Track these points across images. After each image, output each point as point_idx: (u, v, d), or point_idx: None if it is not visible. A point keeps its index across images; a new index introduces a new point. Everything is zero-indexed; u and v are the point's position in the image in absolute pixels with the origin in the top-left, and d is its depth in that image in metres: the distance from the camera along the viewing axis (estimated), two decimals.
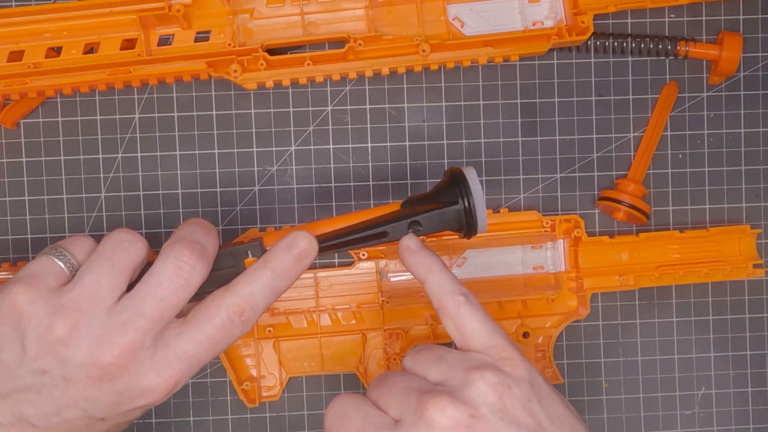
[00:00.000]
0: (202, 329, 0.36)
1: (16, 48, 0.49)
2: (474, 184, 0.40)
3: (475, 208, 0.40)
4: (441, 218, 0.41)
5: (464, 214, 0.40)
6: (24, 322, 0.35)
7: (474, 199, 0.40)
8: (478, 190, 0.40)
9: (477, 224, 0.40)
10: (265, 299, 0.38)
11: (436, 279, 0.38)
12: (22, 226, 0.53)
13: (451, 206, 0.40)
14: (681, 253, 0.53)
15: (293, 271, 0.39)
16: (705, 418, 0.55)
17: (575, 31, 0.50)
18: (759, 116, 0.55)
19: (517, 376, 0.34)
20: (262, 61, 0.49)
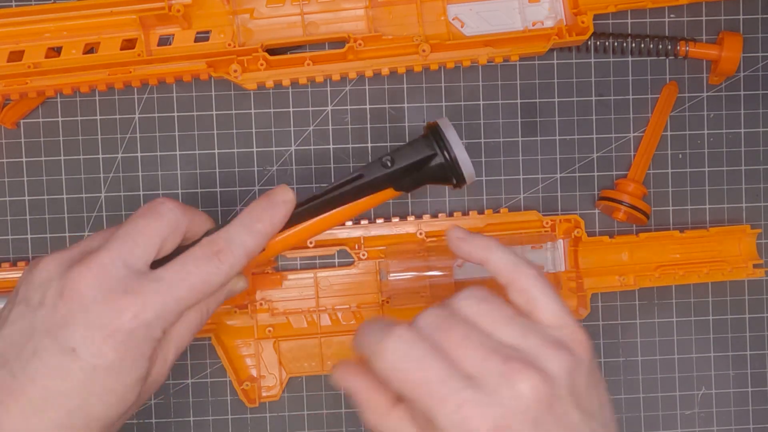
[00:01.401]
0: (178, 268, 0.37)
1: (16, 48, 0.49)
2: (448, 131, 0.39)
3: (453, 151, 0.39)
4: (414, 152, 0.40)
5: (445, 162, 0.39)
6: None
7: (451, 146, 0.39)
8: (453, 135, 0.39)
9: (461, 169, 0.39)
10: (240, 237, 0.38)
11: (500, 255, 0.36)
12: (22, 226, 0.53)
13: (425, 148, 0.40)
14: (681, 253, 0.53)
15: (267, 213, 0.39)
16: (705, 418, 0.55)
17: (575, 31, 0.50)
18: (759, 116, 0.55)
19: (586, 360, 0.34)
20: (262, 61, 0.49)
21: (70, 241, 0.53)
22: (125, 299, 0.35)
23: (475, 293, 0.35)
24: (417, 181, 0.39)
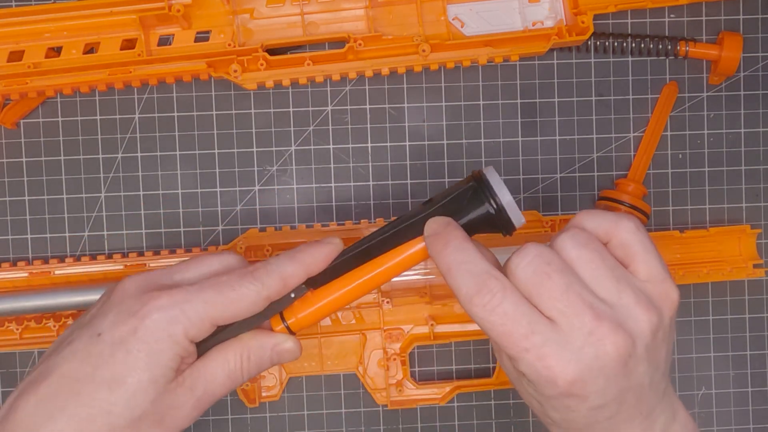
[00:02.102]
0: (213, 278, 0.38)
1: (16, 48, 0.49)
2: (496, 183, 0.38)
3: (503, 205, 0.38)
4: (459, 196, 0.38)
5: (495, 213, 0.38)
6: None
7: (499, 198, 0.38)
8: (501, 186, 0.38)
9: (512, 220, 0.38)
10: (279, 261, 0.39)
11: (594, 216, 0.37)
12: (22, 226, 0.53)
13: (476, 204, 0.38)
14: (681, 253, 0.53)
15: (311, 248, 0.39)
16: (705, 418, 0.55)
17: (575, 31, 0.50)
18: (759, 116, 0.55)
19: (669, 317, 0.36)
20: (262, 61, 0.49)
21: (70, 241, 0.53)
22: (155, 293, 0.37)
23: (579, 236, 0.36)
24: (466, 227, 0.38)
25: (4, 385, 0.53)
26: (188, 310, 0.37)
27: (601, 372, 0.34)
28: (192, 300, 0.37)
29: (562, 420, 0.36)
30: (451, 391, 0.53)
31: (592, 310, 0.34)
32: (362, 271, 0.39)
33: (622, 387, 0.35)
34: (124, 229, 0.53)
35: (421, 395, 0.53)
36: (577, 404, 0.35)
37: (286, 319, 0.39)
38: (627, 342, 0.34)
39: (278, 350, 0.39)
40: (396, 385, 0.52)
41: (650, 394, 0.36)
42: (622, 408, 0.36)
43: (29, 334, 0.51)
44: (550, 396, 0.35)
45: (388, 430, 0.54)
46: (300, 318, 0.39)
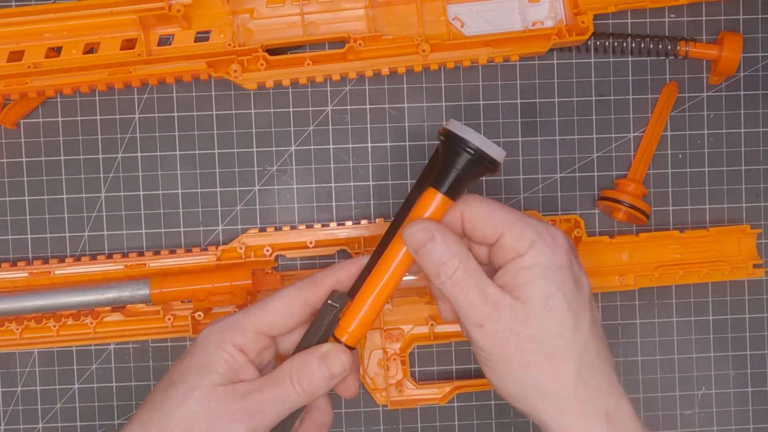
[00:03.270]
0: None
1: (16, 48, 0.49)
2: (462, 130, 0.39)
3: (477, 146, 0.39)
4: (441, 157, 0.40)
5: (472, 156, 0.39)
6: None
7: (470, 141, 0.39)
8: (467, 131, 0.39)
9: (490, 154, 0.39)
10: (313, 275, 0.41)
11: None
12: (22, 226, 0.53)
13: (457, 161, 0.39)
14: (681, 253, 0.53)
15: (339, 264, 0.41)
16: (705, 418, 0.55)
17: (575, 31, 0.50)
18: (759, 116, 0.55)
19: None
20: (262, 61, 0.49)
21: (70, 241, 0.53)
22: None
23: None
24: (458, 182, 0.39)
25: (4, 385, 0.53)
26: (231, 320, 0.39)
27: (568, 256, 0.39)
28: (237, 315, 0.40)
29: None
30: (451, 391, 0.53)
31: (541, 223, 0.39)
32: (387, 260, 0.40)
33: (572, 288, 0.38)
34: (124, 229, 0.53)
35: (421, 395, 0.53)
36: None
37: (339, 337, 0.40)
38: (564, 236, 0.39)
39: (326, 361, 0.39)
40: (396, 385, 0.52)
41: (595, 355, 0.38)
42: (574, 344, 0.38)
43: (29, 334, 0.51)
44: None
45: (388, 430, 0.54)
46: (351, 331, 0.40)
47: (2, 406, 0.53)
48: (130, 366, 0.54)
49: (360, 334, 0.40)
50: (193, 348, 0.39)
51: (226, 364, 0.38)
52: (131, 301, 0.50)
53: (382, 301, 0.40)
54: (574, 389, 0.38)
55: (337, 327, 0.40)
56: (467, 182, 0.39)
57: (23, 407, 0.54)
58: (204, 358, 0.39)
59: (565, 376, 0.38)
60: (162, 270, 0.52)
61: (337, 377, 0.39)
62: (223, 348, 0.39)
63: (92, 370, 0.54)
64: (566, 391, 0.38)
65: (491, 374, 0.39)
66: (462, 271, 0.38)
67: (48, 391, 0.54)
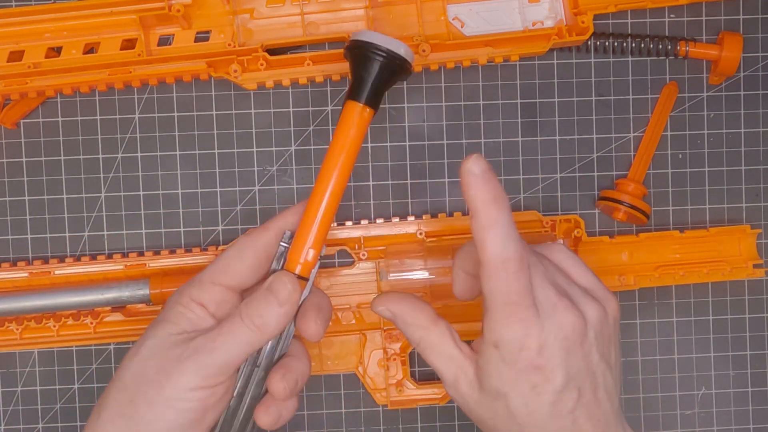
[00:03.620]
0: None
1: (16, 48, 0.49)
2: (362, 35, 0.39)
3: (380, 45, 0.39)
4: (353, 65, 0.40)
5: (383, 59, 0.39)
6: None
7: (373, 41, 0.39)
8: (368, 34, 0.39)
9: (396, 51, 0.39)
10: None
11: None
12: (22, 226, 0.53)
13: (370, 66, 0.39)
14: (681, 253, 0.53)
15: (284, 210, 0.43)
16: (705, 418, 0.55)
17: (575, 31, 0.50)
18: (759, 116, 0.55)
19: (613, 317, 0.40)
20: (262, 61, 0.49)
21: (70, 241, 0.53)
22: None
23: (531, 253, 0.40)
24: (376, 88, 0.39)
25: (4, 385, 0.53)
26: (192, 280, 0.41)
27: (562, 343, 0.37)
28: (195, 276, 0.41)
29: (526, 411, 0.38)
30: None
31: (555, 287, 0.38)
32: (321, 179, 0.40)
33: (580, 368, 0.37)
34: (124, 229, 0.53)
35: (421, 395, 0.53)
36: (543, 383, 0.37)
37: (292, 270, 0.40)
38: (581, 319, 0.38)
39: (272, 289, 0.39)
40: (396, 385, 0.52)
41: (605, 399, 0.39)
42: (581, 402, 0.38)
43: (29, 334, 0.51)
44: (519, 370, 0.37)
45: (388, 430, 0.54)
46: (303, 262, 0.40)
47: (2, 406, 0.53)
48: None
49: (310, 264, 0.40)
50: (159, 315, 0.41)
51: (182, 316, 0.39)
52: (131, 301, 0.50)
53: (325, 225, 0.40)
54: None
55: (287, 262, 0.40)
56: (383, 87, 0.40)
57: (23, 407, 0.54)
58: (162, 314, 0.40)
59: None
60: (162, 270, 0.52)
61: (286, 304, 0.39)
62: (180, 302, 0.40)
63: (92, 370, 0.54)
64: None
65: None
66: (426, 342, 0.40)
67: (48, 391, 0.54)
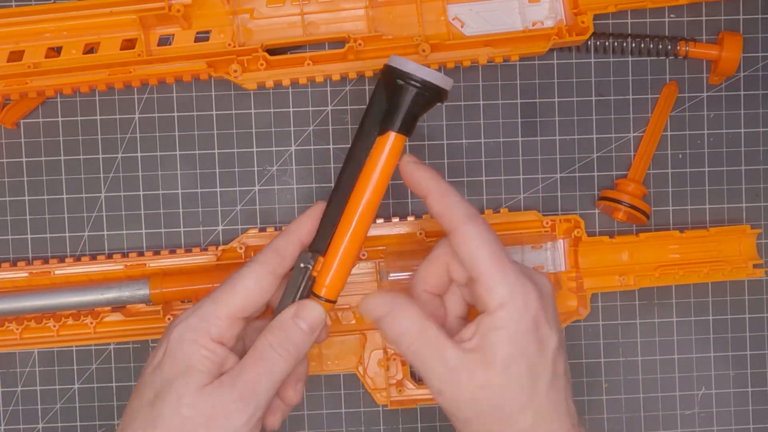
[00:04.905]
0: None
1: (16, 48, 0.49)
2: (402, 64, 0.39)
3: (416, 74, 0.38)
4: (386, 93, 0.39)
5: (419, 88, 0.39)
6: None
7: (414, 73, 0.38)
8: (408, 64, 0.39)
9: (435, 83, 0.39)
10: (271, 243, 0.41)
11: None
12: (22, 226, 0.53)
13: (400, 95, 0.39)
14: (681, 253, 0.53)
15: (295, 221, 0.41)
16: (705, 418, 0.55)
17: (575, 31, 0.50)
18: (759, 116, 0.55)
19: (551, 296, 0.41)
20: (262, 61, 0.49)
21: (70, 241, 0.53)
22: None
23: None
24: (408, 116, 0.38)
25: (4, 385, 0.53)
26: (201, 313, 0.38)
27: (547, 300, 0.39)
28: (203, 304, 0.38)
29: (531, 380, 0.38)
30: None
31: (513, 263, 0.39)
32: (351, 208, 0.40)
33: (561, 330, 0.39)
34: (124, 229, 0.53)
35: (421, 395, 0.53)
36: (547, 338, 0.38)
37: (318, 293, 0.40)
38: (547, 283, 0.40)
39: (300, 316, 0.39)
40: (396, 385, 0.52)
41: (549, 410, 0.38)
42: (566, 371, 0.39)
43: (29, 334, 0.51)
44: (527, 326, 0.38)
45: (388, 430, 0.54)
46: (328, 284, 0.40)
47: (2, 406, 0.53)
48: (130, 366, 0.54)
49: (338, 287, 0.40)
50: (170, 351, 0.38)
51: (208, 361, 0.38)
52: (131, 301, 0.50)
53: (354, 252, 0.40)
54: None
55: (314, 284, 0.40)
56: (419, 115, 0.39)
57: (23, 407, 0.54)
58: (184, 360, 0.38)
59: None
60: (162, 270, 0.52)
61: (317, 329, 0.39)
62: (202, 345, 0.38)
63: (92, 370, 0.54)
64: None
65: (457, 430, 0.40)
66: (419, 344, 0.38)
67: (48, 391, 0.54)
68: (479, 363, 0.38)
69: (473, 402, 0.38)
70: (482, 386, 0.38)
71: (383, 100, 0.39)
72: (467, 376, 0.38)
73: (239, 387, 0.37)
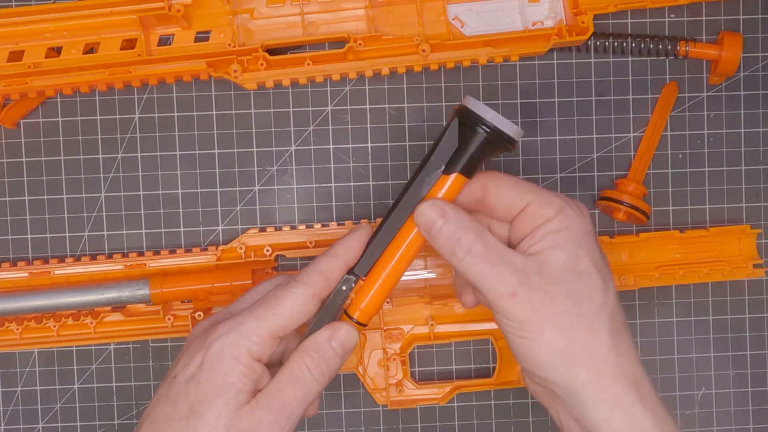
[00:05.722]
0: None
1: (16, 48, 0.49)
2: (480, 108, 0.39)
3: (494, 125, 0.39)
4: (454, 134, 0.39)
5: (489, 135, 0.39)
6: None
7: (488, 120, 0.39)
8: (485, 110, 0.39)
9: (507, 133, 0.39)
10: (317, 261, 0.40)
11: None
12: (22, 226, 0.53)
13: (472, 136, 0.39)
14: (681, 253, 0.53)
15: (341, 241, 0.40)
16: (705, 418, 0.55)
17: (575, 31, 0.50)
18: (759, 116, 0.55)
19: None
20: (262, 61, 0.49)
21: (70, 241, 0.53)
22: (217, 326, 0.39)
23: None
24: (474, 160, 0.39)
25: (4, 385, 0.53)
26: (244, 330, 0.38)
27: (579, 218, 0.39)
28: (246, 320, 0.38)
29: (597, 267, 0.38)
30: (451, 391, 0.53)
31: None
32: (400, 238, 0.40)
33: (599, 253, 0.39)
34: (124, 229, 0.53)
35: (421, 395, 0.53)
36: (593, 243, 0.39)
37: (352, 314, 0.40)
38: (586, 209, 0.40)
39: (337, 339, 0.39)
40: (396, 385, 0.52)
41: (621, 321, 0.39)
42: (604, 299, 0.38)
43: (29, 334, 0.51)
44: (584, 225, 0.39)
45: (388, 430, 0.54)
46: (363, 308, 0.40)
47: (2, 406, 0.53)
48: (130, 366, 0.54)
49: (373, 312, 0.40)
50: (208, 365, 0.37)
51: (247, 379, 0.37)
52: (131, 301, 0.50)
53: (394, 282, 0.40)
54: (608, 352, 0.38)
55: (350, 304, 0.40)
56: (484, 161, 0.40)
57: (23, 407, 0.54)
58: (224, 377, 0.37)
59: (600, 339, 0.37)
60: (162, 270, 0.52)
61: (350, 353, 0.39)
62: (242, 362, 0.37)
63: (92, 370, 0.54)
64: (601, 353, 0.37)
65: (522, 345, 0.38)
66: (481, 244, 0.37)
67: (48, 391, 0.54)
68: (547, 263, 0.37)
69: (549, 299, 0.37)
70: (555, 282, 0.37)
71: (454, 139, 0.39)
72: (537, 276, 0.37)
73: (275, 409, 0.37)
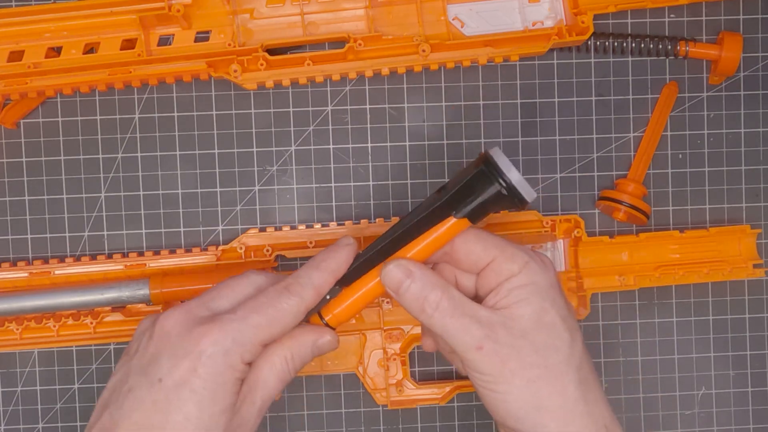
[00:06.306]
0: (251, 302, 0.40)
1: (16, 48, 0.49)
2: (503, 163, 0.39)
3: (513, 184, 0.39)
4: (469, 179, 0.39)
5: (505, 191, 0.39)
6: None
7: (508, 177, 0.39)
8: (509, 166, 0.39)
9: (522, 194, 0.39)
10: (307, 273, 0.40)
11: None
12: (22, 226, 0.53)
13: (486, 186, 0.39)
14: (681, 253, 0.53)
15: (331, 254, 0.41)
16: (705, 418, 0.55)
17: (575, 31, 0.50)
18: (759, 116, 0.55)
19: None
20: (262, 61, 0.49)
21: (70, 241, 0.53)
22: (203, 328, 0.38)
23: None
24: (482, 209, 0.39)
25: (4, 385, 0.53)
26: (240, 338, 0.38)
27: (542, 270, 0.39)
28: (242, 329, 0.38)
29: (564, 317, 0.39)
30: (451, 391, 0.53)
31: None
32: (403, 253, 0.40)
33: (564, 305, 0.40)
34: (124, 229, 0.53)
35: (421, 395, 0.53)
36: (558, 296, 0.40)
37: (324, 316, 0.41)
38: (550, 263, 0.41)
39: (318, 344, 0.40)
40: (396, 385, 0.52)
41: (589, 370, 0.40)
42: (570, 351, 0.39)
43: (29, 334, 0.51)
44: (551, 280, 0.40)
45: (388, 430, 0.54)
46: (337, 314, 0.41)
47: (2, 406, 0.53)
48: None
49: (344, 320, 0.41)
50: (203, 373, 0.37)
51: (239, 382, 0.38)
52: (131, 301, 0.50)
53: (371, 299, 0.41)
54: (576, 403, 0.38)
55: (324, 306, 0.41)
56: (493, 211, 0.40)
57: (23, 407, 0.54)
58: (221, 387, 0.37)
59: (568, 390, 0.38)
60: (162, 270, 0.52)
61: (323, 354, 0.41)
62: (237, 369, 0.38)
63: (92, 370, 0.54)
64: (569, 404, 0.38)
65: (492, 398, 0.39)
66: (447, 300, 0.38)
67: (48, 391, 0.54)
68: (514, 317, 0.38)
69: (516, 352, 0.38)
70: (521, 336, 0.38)
71: (477, 186, 0.39)
72: (504, 329, 0.38)
73: (258, 401, 0.39)
